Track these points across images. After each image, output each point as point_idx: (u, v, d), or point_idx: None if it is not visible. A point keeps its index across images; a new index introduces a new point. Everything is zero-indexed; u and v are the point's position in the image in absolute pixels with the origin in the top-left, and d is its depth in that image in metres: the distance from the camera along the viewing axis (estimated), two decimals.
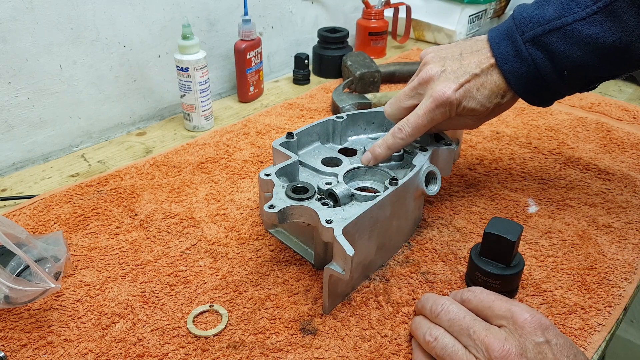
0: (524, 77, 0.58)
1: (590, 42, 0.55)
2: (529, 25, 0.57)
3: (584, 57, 0.56)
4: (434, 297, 0.51)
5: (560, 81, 0.58)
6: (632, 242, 0.66)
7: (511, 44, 0.58)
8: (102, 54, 0.86)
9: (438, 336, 0.47)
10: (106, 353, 0.51)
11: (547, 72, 0.57)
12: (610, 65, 0.57)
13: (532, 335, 0.43)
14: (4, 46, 0.75)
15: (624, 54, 0.55)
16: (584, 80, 0.59)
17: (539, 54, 0.57)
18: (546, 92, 0.60)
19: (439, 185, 0.62)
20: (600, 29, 0.54)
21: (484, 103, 0.60)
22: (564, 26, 0.55)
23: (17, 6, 0.74)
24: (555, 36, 0.56)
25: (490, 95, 0.60)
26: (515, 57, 0.58)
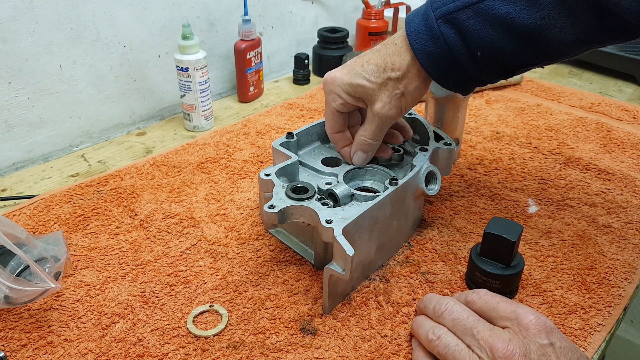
0: (436, 57, 0.54)
1: (504, 22, 0.51)
2: (442, 1, 0.53)
3: (498, 38, 0.52)
4: (437, 297, 0.51)
5: (473, 64, 0.54)
6: (632, 242, 0.66)
7: (424, 21, 0.54)
8: (102, 54, 0.86)
9: (441, 335, 0.47)
10: (106, 353, 0.51)
11: (459, 52, 0.53)
12: (526, 50, 0.53)
13: (536, 337, 0.43)
14: (4, 46, 0.75)
15: (540, 38, 0.51)
16: (500, 65, 0.55)
17: (451, 32, 0.53)
18: (460, 74, 0.56)
19: (439, 185, 0.62)
20: (515, 7, 0.50)
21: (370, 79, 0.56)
22: (477, 2, 0.51)
23: (17, 6, 0.74)
24: (467, 13, 0.52)
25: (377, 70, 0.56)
26: (427, 35, 0.54)
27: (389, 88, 0.56)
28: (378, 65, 0.56)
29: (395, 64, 0.56)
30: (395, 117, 0.59)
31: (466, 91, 0.60)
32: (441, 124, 0.78)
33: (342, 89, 0.58)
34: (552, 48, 0.52)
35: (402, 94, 0.57)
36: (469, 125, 0.93)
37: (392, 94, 0.57)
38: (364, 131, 0.60)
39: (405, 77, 0.56)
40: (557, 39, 0.51)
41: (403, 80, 0.56)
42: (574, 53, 0.54)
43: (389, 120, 0.59)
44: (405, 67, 0.56)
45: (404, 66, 0.56)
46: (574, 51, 0.54)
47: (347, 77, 0.57)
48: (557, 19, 0.50)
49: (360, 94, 0.57)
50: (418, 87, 0.57)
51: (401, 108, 0.58)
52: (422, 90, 0.58)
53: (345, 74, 0.57)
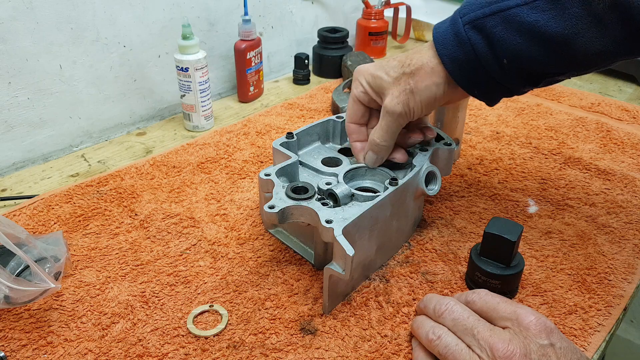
0: (462, 62, 0.54)
1: (531, 30, 0.50)
2: (470, 7, 0.54)
3: (524, 45, 0.51)
4: (438, 297, 0.51)
5: (500, 71, 0.54)
6: (632, 242, 0.66)
7: (451, 27, 0.55)
8: (102, 54, 0.86)
9: (441, 335, 0.47)
10: (106, 353, 0.51)
11: (486, 58, 0.53)
12: (552, 58, 0.52)
13: (537, 338, 0.43)
14: (4, 46, 0.75)
15: (567, 47, 0.50)
16: (527, 73, 0.54)
17: (478, 39, 0.53)
18: (486, 82, 0.56)
19: (439, 185, 0.62)
20: (543, 16, 0.50)
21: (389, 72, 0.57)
22: (505, 10, 0.51)
23: (17, 6, 0.74)
24: (495, 20, 0.52)
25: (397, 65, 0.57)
26: (454, 41, 0.54)
27: (401, 82, 0.57)
28: (400, 61, 0.57)
29: (412, 60, 0.57)
30: (403, 115, 0.58)
31: (493, 100, 0.59)
32: (441, 124, 0.78)
33: (364, 78, 0.59)
34: (580, 58, 0.52)
35: (412, 91, 0.56)
36: (469, 125, 0.93)
37: (402, 88, 0.57)
38: (375, 131, 0.60)
39: (417, 74, 0.56)
40: (585, 49, 0.50)
41: (415, 76, 0.56)
42: (603, 64, 0.54)
43: (397, 118, 0.58)
44: (420, 63, 0.56)
45: (419, 63, 0.56)
46: (603, 62, 0.53)
47: (372, 69, 0.59)
48: (585, 29, 0.49)
49: (377, 87, 0.58)
50: (428, 88, 0.56)
51: (409, 106, 0.57)
52: (434, 91, 0.57)
53: (372, 66, 0.59)
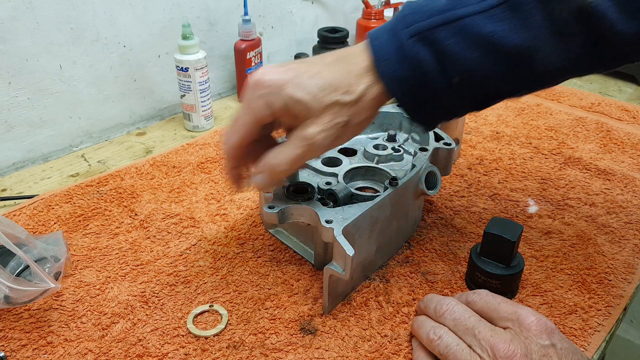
0: (408, 83, 0.46)
1: (489, 43, 0.44)
2: (415, 16, 0.45)
3: (480, 61, 0.45)
4: (438, 297, 0.51)
5: (448, 90, 0.46)
6: (632, 242, 0.66)
7: (392, 39, 0.46)
8: (102, 54, 0.86)
9: (442, 335, 0.47)
10: (106, 353, 0.51)
11: (434, 76, 0.45)
12: (510, 75, 0.46)
13: (538, 338, 0.43)
14: (4, 46, 0.75)
15: (527, 62, 0.45)
16: (477, 94, 0.48)
17: (427, 54, 0.45)
18: (432, 105, 0.48)
19: (439, 185, 0.62)
20: (501, 26, 0.43)
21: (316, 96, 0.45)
22: (458, 19, 0.44)
23: (17, 6, 0.74)
24: (447, 31, 0.44)
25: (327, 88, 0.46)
26: (397, 57, 0.45)
27: (335, 113, 0.46)
28: (330, 82, 0.46)
29: (350, 87, 0.46)
30: (327, 149, 0.48)
31: (433, 124, 0.53)
32: (441, 124, 0.78)
33: (281, 99, 0.46)
34: (538, 75, 0.47)
35: (346, 124, 0.47)
36: (469, 125, 0.93)
37: (334, 120, 0.46)
38: (282, 154, 0.47)
39: (356, 105, 0.47)
40: (545, 64, 0.45)
41: (352, 108, 0.47)
42: (559, 81, 0.49)
43: (319, 151, 0.48)
44: (360, 92, 0.46)
45: (358, 91, 0.46)
46: (560, 78, 0.49)
47: (287, 87, 0.45)
48: (546, 41, 0.44)
49: (295, 111, 0.46)
50: (367, 120, 0.49)
51: (339, 139, 0.48)
52: (368, 123, 0.50)
53: (287, 82, 0.46)
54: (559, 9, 0.43)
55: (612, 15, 0.42)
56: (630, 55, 0.46)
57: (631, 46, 0.44)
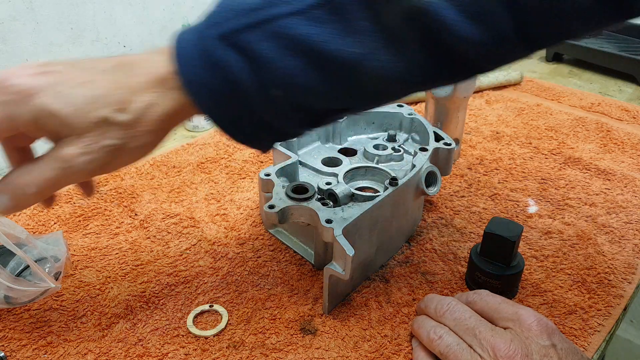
0: (217, 93, 0.38)
1: (308, 47, 0.36)
2: (225, 14, 0.38)
3: (300, 70, 0.37)
4: (439, 297, 0.51)
5: (268, 105, 0.39)
6: (632, 242, 0.66)
7: (198, 41, 0.38)
8: (102, 54, 0.86)
9: (442, 335, 0.47)
10: (106, 353, 0.51)
11: (248, 87, 0.37)
12: (336, 88, 0.39)
13: (538, 338, 0.43)
14: (4, 46, 0.75)
15: (356, 72, 0.38)
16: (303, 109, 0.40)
17: (236, 59, 0.37)
18: (252, 121, 0.40)
19: (439, 185, 0.62)
20: (322, 30, 0.36)
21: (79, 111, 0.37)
22: (273, 19, 0.36)
23: (17, 6, 0.74)
24: (258, 34, 0.36)
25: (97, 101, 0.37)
26: (201, 60, 0.37)
27: (101, 133, 0.37)
28: (101, 95, 0.37)
29: (127, 103, 0.37)
30: (93, 174, 0.40)
31: (264, 147, 0.44)
32: (441, 124, 0.78)
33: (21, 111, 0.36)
34: (370, 87, 0.40)
35: (120, 148, 0.38)
36: (469, 125, 0.93)
37: (102, 142, 0.38)
38: (31, 174, 0.38)
39: (134, 127, 0.38)
40: (377, 76, 0.38)
41: (128, 130, 0.38)
42: (399, 95, 0.43)
43: (79, 176, 0.39)
44: (139, 111, 0.38)
45: (136, 109, 0.38)
46: (400, 92, 0.42)
47: (42, 95, 0.36)
48: (377, 49, 0.37)
49: (50, 127, 0.37)
50: (151, 144, 0.40)
51: (108, 165, 0.39)
52: (153, 147, 0.41)
53: (41, 89, 0.36)
54: (387, 12, 0.36)
55: (452, 19, 0.35)
56: (483, 66, 0.40)
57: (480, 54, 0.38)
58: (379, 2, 0.36)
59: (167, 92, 0.39)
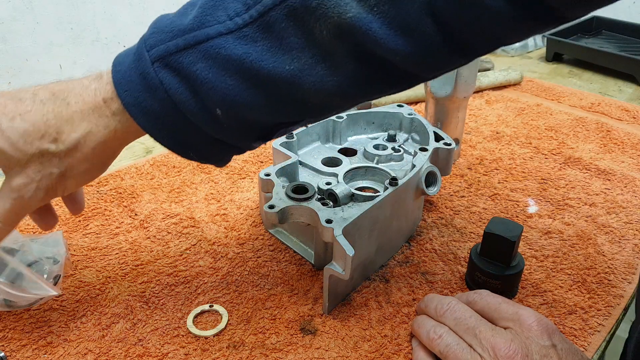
0: (159, 116, 0.39)
1: (243, 67, 0.37)
2: (159, 36, 0.38)
3: (238, 89, 0.38)
4: (439, 296, 0.51)
5: (215, 124, 0.39)
6: (632, 242, 0.66)
7: (136, 64, 0.39)
8: (102, 54, 0.86)
9: (442, 334, 0.47)
10: (106, 353, 0.51)
11: (192, 109, 0.38)
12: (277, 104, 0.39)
13: (538, 339, 0.43)
14: (4, 46, 0.75)
15: (293, 89, 0.38)
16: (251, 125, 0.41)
17: (174, 81, 0.38)
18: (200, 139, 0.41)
19: (439, 185, 0.62)
20: (255, 48, 0.37)
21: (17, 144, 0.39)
22: (205, 40, 0.37)
23: (17, 6, 0.74)
24: (193, 55, 0.37)
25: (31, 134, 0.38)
26: (141, 84, 0.38)
27: (42, 162, 0.40)
28: (35, 127, 0.39)
29: (61, 134, 0.39)
30: (44, 201, 0.42)
31: (220, 162, 0.45)
32: (441, 124, 0.78)
33: None
34: (313, 102, 0.40)
35: (62, 175, 0.41)
36: (469, 125, 0.93)
37: (44, 172, 0.40)
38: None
39: (72, 155, 0.40)
40: (315, 90, 0.38)
41: (66, 159, 0.40)
42: (342, 107, 0.43)
43: (33, 204, 0.42)
44: (74, 140, 0.40)
45: (71, 139, 0.40)
46: (341, 105, 0.42)
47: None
48: (312, 65, 0.38)
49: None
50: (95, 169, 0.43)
51: (56, 191, 0.42)
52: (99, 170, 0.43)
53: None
54: (318, 28, 0.36)
55: (380, 32, 0.36)
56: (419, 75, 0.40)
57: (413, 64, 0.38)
58: (308, 18, 0.36)
59: (106, 118, 0.40)
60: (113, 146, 0.42)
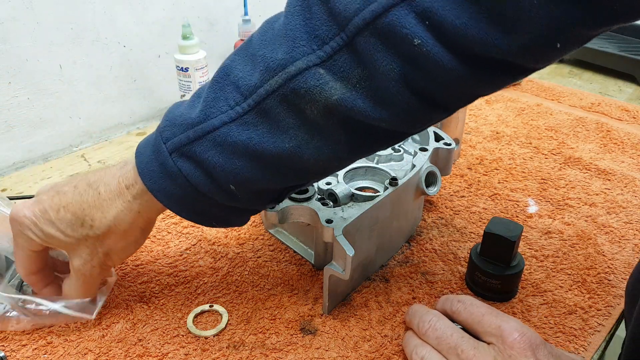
0: (181, 198, 0.45)
1: (248, 150, 0.42)
2: (173, 130, 0.44)
3: (246, 168, 0.43)
4: (421, 311, 0.50)
5: (231, 198, 0.45)
6: (632, 242, 0.66)
7: (155, 155, 0.44)
8: (102, 54, 0.86)
9: (424, 355, 0.47)
10: (106, 353, 0.51)
11: (209, 189, 0.44)
12: (284, 175, 0.44)
13: (521, 356, 0.42)
14: (4, 46, 0.75)
15: (294, 161, 0.43)
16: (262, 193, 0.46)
17: (190, 168, 0.43)
18: (221, 212, 0.47)
19: (439, 185, 0.62)
20: (256, 132, 0.41)
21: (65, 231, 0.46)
22: (212, 131, 0.42)
23: (17, 6, 0.74)
24: (204, 144, 0.42)
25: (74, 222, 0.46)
26: (162, 173, 0.44)
27: (89, 245, 0.47)
28: (75, 216, 0.46)
29: (94, 220, 0.46)
30: (102, 275, 0.51)
31: (241, 223, 0.50)
32: (441, 124, 0.78)
33: (34, 234, 0.47)
34: (314, 168, 0.44)
35: (106, 254, 0.49)
36: (469, 125, 0.93)
37: (93, 252, 0.48)
38: (69, 287, 0.51)
39: (108, 237, 0.47)
40: (314, 160, 0.43)
41: (105, 241, 0.48)
42: (342, 166, 0.48)
43: (95, 278, 0.51)
44: (106, 226, 0.47)
45: (104, 224, 0.47)
46: (341, 165, 0.47)
47: (39, 223, 0.47)
48: (308, 139, 0.42)
49: (55, 244, 0.48)
50: (133, 243, 0.50)
51: (107, 265, 0.50)
52: (140, 241, 0.51)
53: (38, 217, 0.47)
54: (309, 109, 0.40)
55: (363, 107, 0.39)
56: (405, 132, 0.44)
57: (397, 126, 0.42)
58: (299, 102, 0.40)
59: (128, 202, 0.46)
60: (140, 224, 0.48)
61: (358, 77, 0.39)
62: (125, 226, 0.47)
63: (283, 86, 0.40)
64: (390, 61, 0.37)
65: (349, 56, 0.38)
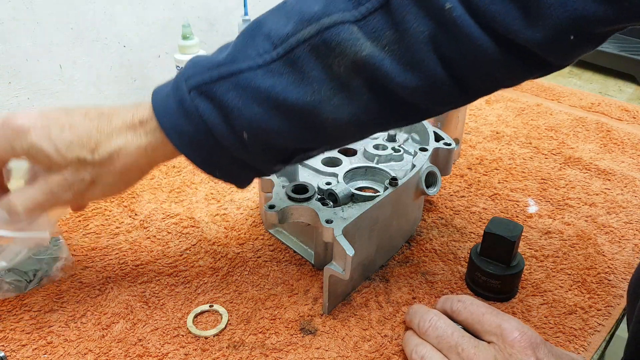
0: (193, 137, 0.44)
1: (269, 97, 0.42)
2: (194, 69, 0.44)
3: (264, 116, 0.42)
4: (421, 311, 0.50)
5: (241, 147, 0.44)
6: (632, 242, 0.66)
7: (173, 92, 0.44)
8: (102, 54, 0.86)
9: (424, 355, 0.47)
10: (106, 353, 0.51)
11: (222, 133, 0.43)
12: (298, 130, 0.44)
13: (522, 355, 0.43)
14: (4, 46, 0.75)
15: (313, 117, 0.43)
16: (273, 149, 0.45)
17: (208, 107, 0.43)
18: (227, 161, 0.46)
19: (439, 185, 0.62)
20: (280, 81, 0.41)
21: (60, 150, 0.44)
22: (237, 73, 0.42)
23: (17, 6, 0.74)
24: (225, 85, 0.42)
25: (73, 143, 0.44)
26: (179, 110, 0.43)
27: (78, 168, 0.45)
28: (79, 138, 0.45)
29: (99, 145, 0.45)
30: (67, 203, 0.48)
31: (242, 183, 0.49)
32: (441, 124, 0.78)
33: (19, 144, 0.44)
34: (330, 129, 0.44)
35: (92, 182, 0.46)
36: (469, 125, 0.93)
37: (76, 176, 0.45)
38: (24, 195, 0.46)
39: (104, 166, 0.45)
40: (334, 118, 0.43)
41: (97, 168, 0.45)
42: (360, 134, 0.47)
43: (61, 202, 0.47)
44: (108, 153, 0.45)
45: (106, 151, 0.45)
46: (360, 132, 0.47)
47: (33, 135, 0.44)
48: (330, 95, 0.42)
49: (38, 159, 0.45)
50: (121, 182, 0.48)
51: (82, 195, 0.47)
52: (130, 183, 0.49)
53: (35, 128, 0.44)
54: (337, 63, 0.41)
55: (390, 68, 0.40)
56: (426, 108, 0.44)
57: (419, 98, 0.42)
58: (328, 55, 0.41)
59: (139, 137, 0.45)
60: (140, 164, 0.47)
61: (388, 39, 0.40)
62: (127, 160, 0.46)
63: (315, 36, 0.40)
64: (421, 22, 0.39)
65: (383, 17, 0.39)
